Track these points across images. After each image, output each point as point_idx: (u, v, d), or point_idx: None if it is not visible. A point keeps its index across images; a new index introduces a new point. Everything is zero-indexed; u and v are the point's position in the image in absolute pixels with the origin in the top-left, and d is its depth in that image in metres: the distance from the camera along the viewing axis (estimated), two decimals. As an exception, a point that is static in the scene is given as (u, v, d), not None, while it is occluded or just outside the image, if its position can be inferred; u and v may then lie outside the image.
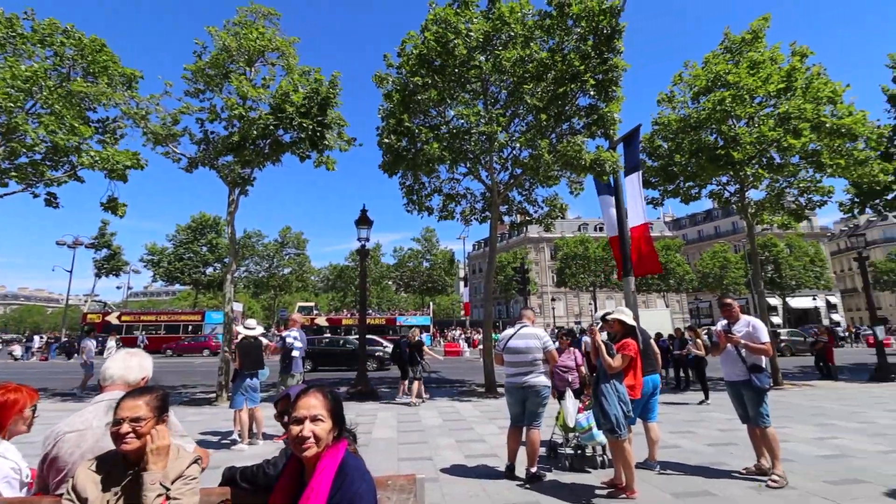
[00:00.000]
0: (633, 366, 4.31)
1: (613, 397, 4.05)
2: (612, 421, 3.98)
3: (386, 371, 19.71)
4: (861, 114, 12.75)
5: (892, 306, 62.33)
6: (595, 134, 12.21)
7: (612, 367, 4.12)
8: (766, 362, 4.59)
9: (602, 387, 4.14)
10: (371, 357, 20.44)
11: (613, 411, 4.01)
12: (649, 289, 45.76)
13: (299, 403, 1.60)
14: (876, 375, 13.12)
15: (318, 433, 1.54)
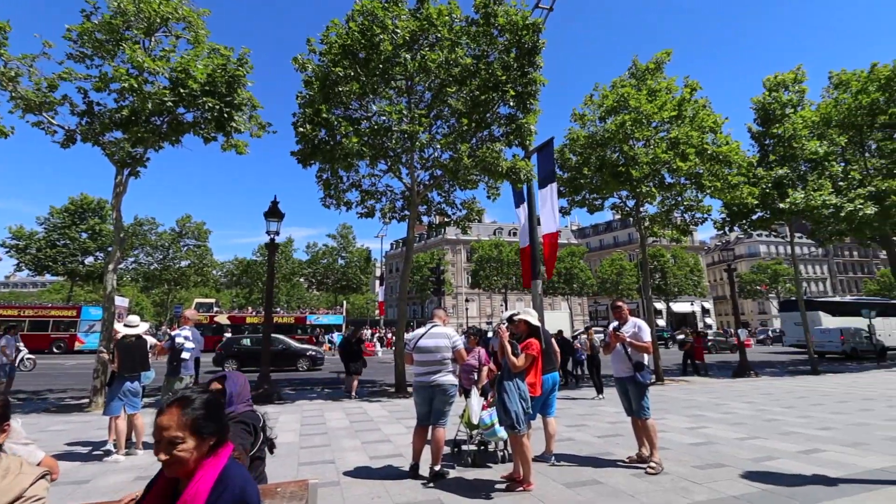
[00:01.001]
0: (535, 365, 4.50)
1: (515, 394, 4.20)
2: (511, 417, 4.14)
3: (317, 371, 18.93)
4: (735, 144, 14.64)
5: (752, 312, 72.41)
6: (512, 143, 12.68)
7: (515, 366, 4.28)
8: (649, 360, 5.05)
9: (505, 384, 4.28)
10: (303, 357, 19.53)
11: (514, 408, 4.16)
12: (555, 292, 48.71)
13: (156, 423, 1.44)
14: (738, 372, 15.13)
15: (178, 456, 1.39)
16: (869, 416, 7.76)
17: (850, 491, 4.14)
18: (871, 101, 17.70)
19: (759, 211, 17.07)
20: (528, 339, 4.47)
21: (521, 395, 4.23)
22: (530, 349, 4.38)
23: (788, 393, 10.94)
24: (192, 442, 1.41)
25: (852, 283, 78.61)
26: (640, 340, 4.94)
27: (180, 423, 1.42)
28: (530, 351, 4.37)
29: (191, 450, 1.41)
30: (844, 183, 16.67)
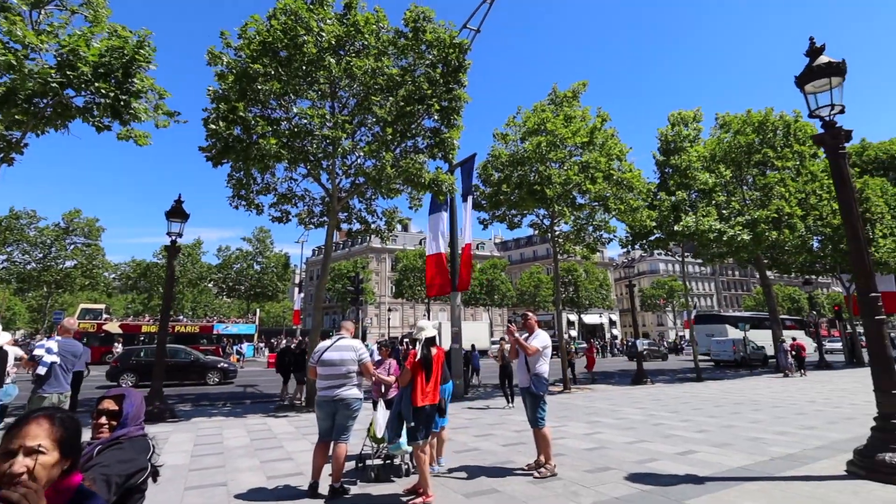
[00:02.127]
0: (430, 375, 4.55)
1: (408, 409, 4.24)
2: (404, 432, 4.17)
3: (229, 384, 17.54)
4: (638, 171, 16.07)
5: (651, 324, 79.21)
6: (436, 155, 12.88)
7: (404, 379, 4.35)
8: (547, 373, 5.31)
9: (404, 397, 4.31)
10: (213, 369, 17.99)
11: (411, 422, 4.19)
12: (477, 303, 49.82)
13: (14, 433, 1.28)
14: (635, 379, 16.43)
15: (37, 469, 1.22)
16: (737, 419, 8.79)
17: (713, 488, 4.64)
18: (748, 142, 20.37)
19: (657, 232, 18.80)
20: (412, 351, 4.51)
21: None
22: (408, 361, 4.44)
23: (675, 399, 12.08)
24: (54, 456, 1.28)
25: (734, 299, 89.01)
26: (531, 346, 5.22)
27: (50, 432, 1.29)
28: (406, 363, 4.43)
29: (53, 464, 1.27)
30: (727, 211, 18.90)
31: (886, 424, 5.00)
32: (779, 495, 4.38)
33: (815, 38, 6.13)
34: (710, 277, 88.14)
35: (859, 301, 5.56)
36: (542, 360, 5.27)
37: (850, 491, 4.44)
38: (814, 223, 20.39)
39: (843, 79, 5.86)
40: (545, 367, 5.27)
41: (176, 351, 18.10)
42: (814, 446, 6.37)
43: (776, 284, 61.99)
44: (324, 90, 12.04)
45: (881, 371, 5.20)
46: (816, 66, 5.90)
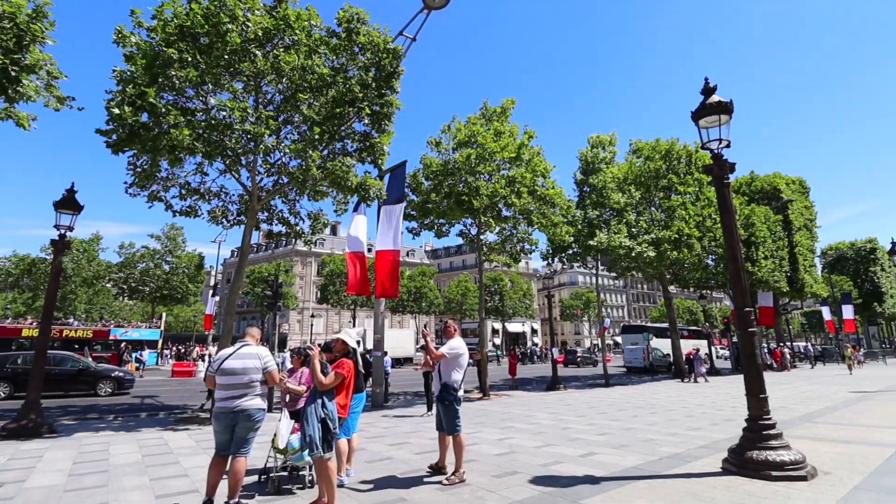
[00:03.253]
0: (347, 385, 4.48)
1: (313, 417, 4.12)
2: (306, 441, 4.04)
3: (124, 395, 15.78)
4: (560, 189, 16.97)
5: (569, 332, 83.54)
6: (364, 160, 12.73)
7: (322, 384, 4.24)
8: (459, 381, 5.39)
9: (306, 408, 4.19)
10: (106, 379, 16.10)
11: (310, 431, 4.07)
12: (404, 310, 49.61)
13: None
14: (550, 385, 17.20)
15: None
16: (636, 422, 9.49)
17: (608, 487, 4.95)
18: (656, 167, 22.30)
19: (574, 246, 19.95)
20: (341, 359, 4.45)
21: (326, 415, 4.16)
22: (340, 368, 4.36)
23: (584, 403, 12.81)
24: None
25: (642, 311, 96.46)
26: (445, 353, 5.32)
27: None
28: (340, 370, 4.35)
29: None
30: (636, 229, 20.49)
31: (755, 425, 5.64)
32: (663, 492, 4.77)
33: (709, 79, 6.85)
34: (622, 290, 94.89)
35: (736, 315, 6.26)
36: (455, 369, 5.35)
37: (723, 486, 4.95)
38: (708, 244, 22.69)
39: (730, 117, 6.59)
40: (457, 376, 5.34)
41: (62, 358, 16.11)
42: (697, 445, 7.05)
43: (677, 298, 68.13)
44: (247, 83, 11.48)
45: (752, 377, 5.87)
46: (709, 103, 6.60)
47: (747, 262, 25.79)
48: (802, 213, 32.89)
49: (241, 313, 62.83)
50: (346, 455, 5.19)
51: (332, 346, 5.02)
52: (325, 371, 4.30)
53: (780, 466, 5.18)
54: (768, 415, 5.61)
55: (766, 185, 32.04)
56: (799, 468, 5.20)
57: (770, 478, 5.10)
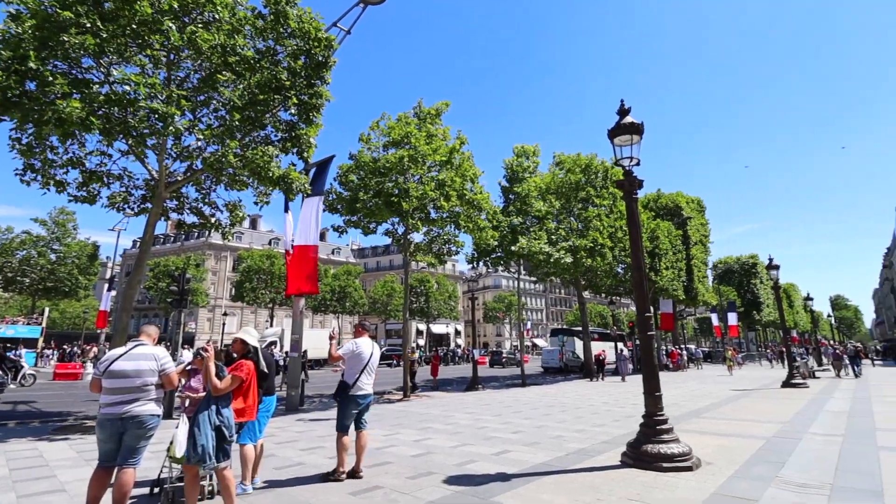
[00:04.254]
0: (246, 389, 4.23)
1: (206, 425, 3.82)
2: (198, 453, 3.73)
3: None
4: (487, 194, 17.39)
5: (491, 334, 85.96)
6: (289, 150, 12.18)
7: (217, 389, 3.94)
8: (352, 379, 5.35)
9: (198, 415, 3.87)
10: None
11: (202, 441, 3.76)
12: (326, 309, 48.15)
13: None
14: (469, 386, 17.55)
15: None
16: (547, 420, 9.95)
17: (518, 484, 5.13)
18: (576, 180, 23.66)
19: (498, 251, 20.57)
20: (240, 361, 4.19)
21: (221, 422, 3.87)
22: (238, 370, 4.10)
23: (500, 403, 13.22)
24: None
25: (559, 314, 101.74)
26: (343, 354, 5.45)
27: None
28: (238, 372, 4.09)
29: None
30: (555, 237, 21.58)
31: (650, 421, 6.14)
32: (567, 486, 5.04)
33: (624, 101, 7.37)
34: (542, 294, 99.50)
35: (637, 319, 6.78)
36: (354, 368, 5.39)
37: (620, 478, 5.33)
38: (619, 253, 24.48)
39: (641, 137, 7.13)
40: (354, 375, 5.36)
41: None
42: (600, 441, 7.54)
43: (590, 303, 72.65)
44: (158, 58, 10.49)
45: (649, 377, 6.39)
46: (623, 123, 7.09)
47: (651, 271, 28.22)
48: (699, 230, 36.62)
49: (142, 310, 57.38)
50: (252, 462, 4.89)
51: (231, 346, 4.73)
52: (222, 374, 4.01)
53: (671, 458, 5.68)
54: (662, 411, 6.13)
55: (669, 202, 35.25)
56: (686, 459, 5.74)
57: (661, 469, 5.58)
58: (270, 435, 8.08)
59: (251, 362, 4.21)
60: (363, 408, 5.43)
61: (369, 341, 5.65)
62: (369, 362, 5.47)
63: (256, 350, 4.33)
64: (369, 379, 5.48)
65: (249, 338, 4.32)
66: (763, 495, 4.60)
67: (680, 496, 4.60)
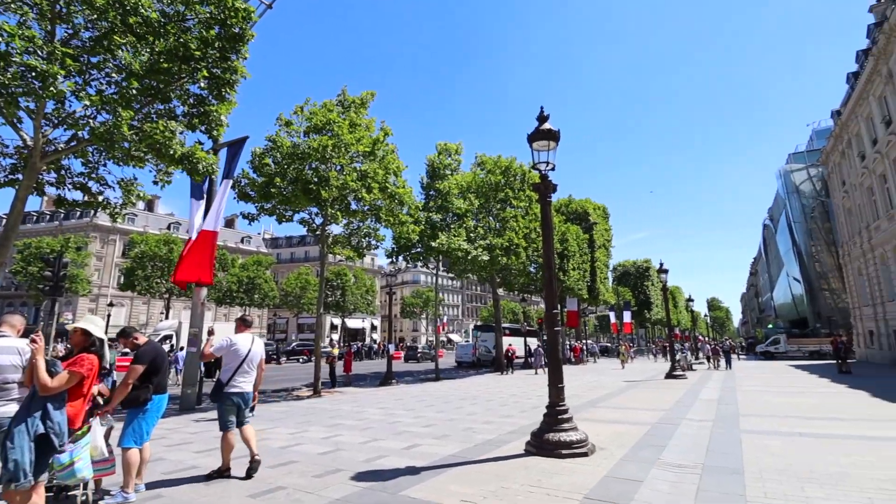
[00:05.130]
0: (89, 388, 3.74)
1: (22, 436, 3.15)
2: (9, 469, 3.08)
3: None
4: (410, 188, 17.34)
5: (408, 329, 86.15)
6: (196, 127, 11.21)
7: (47, 387, 3.29)
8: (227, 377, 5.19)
9: (13, 426, 3.18)
10: None
11: (15, 455, 3.09)
12: (232, 301, 45.09)
13: None
14: (383, 381, 17.44)
15: None
16: (458, 413, 10.20)
17: (427, 476, 5.19)
18: (496, 181, 24.45)
19: (418, 246, 20.66)
20: (80, 354, 3.68)
21: (47, 430, 3.25)
22: (77, 365, 3.54)
23: (413, 397, 13.31)
24: None
25: (475, 310, 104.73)
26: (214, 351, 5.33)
27: None
28: (76, 368, 3.53)
29: None
30: (473, 235, 22.14)
31: (552, 411, 6.54)
32: (474, 476, 5.20)
33: (544, 108, 7.72)
34: (459, 290, 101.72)
35: (546, 316, 7.19)
36: (230, 365, 5.24)
37: (523, 466, 5.61)
38: (532, 253, 25.75)
39: (557, 144, 7.51)
40: (230, 373, 5.21)
41: None
42: (507, 431, 7.89)
43: (504, 300, 75.58)
44: (43, 8, 9.07)
45: (554, 370, 6.80)
46: (541, 129, 7.42)
47: (560, 271, 30.07)
48: (603, 235, 39.67)
49: (7, 297, 49.70)
50: (135, 468, 4.42)
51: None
52: (55, 370, 3.42)
53: (569, 445, 6.10)
54: (563, 402, 6.56)
55: (579, 207, 37.76)
56: (583, 446, 6.19)
57: (561, 455, 5.97)
58: (161, 437, 7.42)
59: (95, 356, 3.70)
60: (241, 406, 5.26)
61: (249, 336, 5.50)
62: (247, 359, 5.31)
63: (101, 343, 3.83)
64: (246, 377, 5.31)
65: (93, 327, 3.80)
66: (647, 476, 5.10)
67: (576, 480, 4.95)
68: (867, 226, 27.63)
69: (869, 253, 27.63)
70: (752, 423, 8.43)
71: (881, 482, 4.75)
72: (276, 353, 34.47)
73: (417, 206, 19.93)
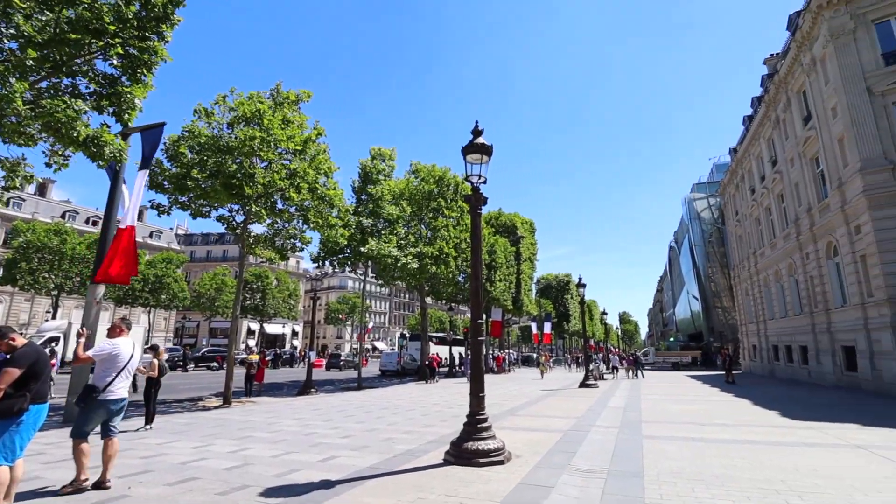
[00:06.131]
0: None
1: None
2: None
3: None
4: (341, 191, 16.91)
5: (332, 336, 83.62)
6: (104, 108, 10.17)
7: None
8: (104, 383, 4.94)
9: None
10: None
11: None
12: (135, 301, 41.10)
13: None
14: (301, 390, 16.72)
15: None
16: (379, 423, 10.02)
17: (342, 490, 5.02)
18: (429, 189, 24.62)
19: (346, 251, 20.19)
20: None
21: None
22: None
23: (334, 407, 12.88)
24: None
25: (402, 318, 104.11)
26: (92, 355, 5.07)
27: None
28: None
29: None
30: (404, 242, 22.07)
31: (472, 420, 6.62)
32: (392, 487, 5.11)
33: (478, 122, 7.90)
34: (387, 297, 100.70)
35: (471, 325, 7.30)
36: (107, 370, 5.00)
37: (442, 475, 5.61)
38: (461, 263, 26.17)
39: (489, 158, 7.72)
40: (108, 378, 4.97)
41: None
42: (427, 441, 7.86)
43: (431, 308, 75.92)
44: None
45: (475, 379, 6.91)
46: (475, 143, 7.60)
47: (487, 282, 30.83)
48: (529, 248, 41.32)
49: None
50: (3, 489, 3.85)
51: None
52: None
53: (487, 454, 6.21)
54: (483, 411, 6.68)
55: (508, 221, 39.08)
56: (500, 454, 6.32)
57: (479, 464, 6.05)
58: (38, 453, 6.56)
59: None
60: (114, 413, 5.04)
61: (130, 341, 5.28)
62: (128, 364, 5.13)
63: None
64: (125, 382, 5.13)
65: None
66: (558, 482, 5.32)
67: (491, 488, 5.03)
68: (754, 252, 31.32)
69: (755, 276, 31.30)
70: (653, 430, 9.13)
71: (758, 482, 5.33)
72: (182, 360, 31.70)
73: (348, 209, 19.51)
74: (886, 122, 16.69)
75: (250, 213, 14.63)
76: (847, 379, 18.42)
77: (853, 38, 17.80)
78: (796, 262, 23.33)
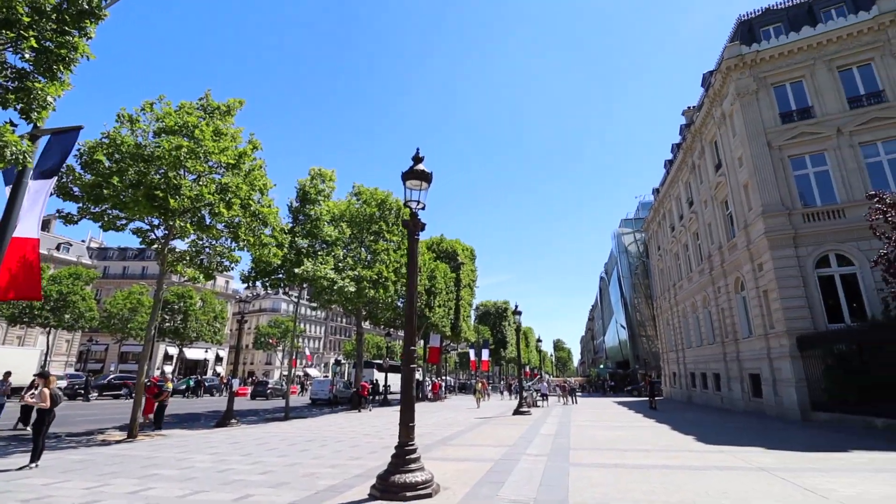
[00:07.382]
0: None
1: None
2: None
3: None
4: (276, 209, 16.25)
5: (261, 362, 78.91)
6: (10, 104, 9.17)
7: None
8: None
9: None
10: None
11: None
12: (33, 321, 36.61)
13: None
14: (221, 421, 15.47)
15: None
16: (303, 456, 9.42)
17: (254, 532, 4.59)
18: (371, 212, 24.37)
19: (280, 272, 19.33)
20: None
21: None
22: None
23: (255, 440, 11.99)
24: None
25: (338, 343, 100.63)
26: None
27: None
28: None
29: None
30: (342, 264, 21.51)
31: (401, 451, 6.39)
32: (310, 528, 4.76)
33: (419, 150, 7.97)
34: (323, 322, 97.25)
35: (404, 351, 7.14)
36: None
37: (366, 512, 5.32)
38: (401, 288, 25.87)
39: (429, 185, 7.77)
40: None
41: None
42: (354, 475, 7.48)
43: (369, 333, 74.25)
44: None
45: (405, 408, 6.71)
46: (415, 169, 7.63)
47: (426, 307, 30.66)
48: (469, 275, 41.80)
49: None
50: None
51: None
52: None
53: (414, 487, 5.99)
54: (412, 441, 6.48)
55: (449, 247, 39.43)
56: (427, 487, 6.13)
57: (406, 498, 5.81)
58: None
59: None
60: None
61: None
62: None
63: None
64: None
65: None
66: (484, 515, 5.21)
67: (417, 525, 4.82)
68: (674, 284, 33.70)
69: (674, 307, 33.59)
70: (580, 456, 9.30)
71: (672, 507, 5.54)
72: (84, 388, 28.41)
73: (283, 228, 18.78)
74: (783, 173, 18.86)
75: (175, 227, 13.65)
76: (754, 404, 19.98)
77: (756, 97, 20.15)
78: (709, 294, 25.36)
